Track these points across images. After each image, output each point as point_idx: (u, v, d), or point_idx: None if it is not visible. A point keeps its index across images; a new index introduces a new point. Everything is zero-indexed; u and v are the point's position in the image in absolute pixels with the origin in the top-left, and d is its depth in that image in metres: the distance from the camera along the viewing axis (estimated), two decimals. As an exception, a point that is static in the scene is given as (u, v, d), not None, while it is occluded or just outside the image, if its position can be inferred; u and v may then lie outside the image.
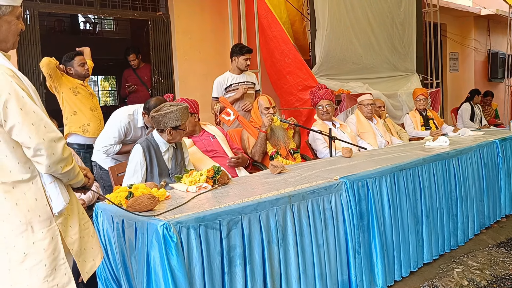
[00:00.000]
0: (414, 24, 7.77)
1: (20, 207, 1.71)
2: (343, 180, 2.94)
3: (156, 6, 6.32)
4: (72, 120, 4.22)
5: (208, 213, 2.25)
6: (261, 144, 4.08)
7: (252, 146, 4.13)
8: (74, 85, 4.25)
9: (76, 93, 4.25)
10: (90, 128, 4.27)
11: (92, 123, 4.30)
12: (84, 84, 4.36)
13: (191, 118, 3.73)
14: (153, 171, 3.16)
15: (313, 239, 2.67)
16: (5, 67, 1.68)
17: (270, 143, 4.15)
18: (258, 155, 4.08)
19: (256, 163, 4.10)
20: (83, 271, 1.89)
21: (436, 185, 3.70)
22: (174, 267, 2.06)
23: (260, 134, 4.09)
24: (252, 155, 4.10)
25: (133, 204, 2.29)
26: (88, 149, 4.25)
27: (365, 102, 5.18)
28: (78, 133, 4.23)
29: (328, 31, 6.17)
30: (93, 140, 4.20)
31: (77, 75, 4.29)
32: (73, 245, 1.83)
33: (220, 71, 5.22)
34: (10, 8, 1.76)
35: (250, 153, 4.11)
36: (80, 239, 1.86)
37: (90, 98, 4.37)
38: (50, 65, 4.01)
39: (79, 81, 4.31)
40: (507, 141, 4.85)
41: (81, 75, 4.31)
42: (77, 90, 4.26)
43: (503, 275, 3.55)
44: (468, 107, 8.26)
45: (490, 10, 10.98)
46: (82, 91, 4.30)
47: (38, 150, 1.67)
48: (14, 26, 1.80)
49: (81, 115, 4.25)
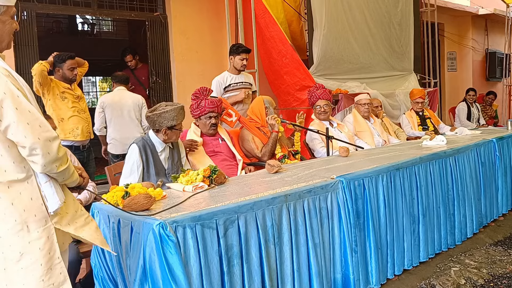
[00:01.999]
0: (411, 24, 7.78)
1: (16, 207, 1.71)
2: (339, 179, 2.94)
3: (153, 6, 6.32)
4: (60, 126, 4.24)
5: (205, 212, 2.25)
6: (273, 144, 4.10)
7: (262, 146, 4.12)
8: (61, 90, 4.26)
9: (63, 98, 4.27)
10: (79, 131, 4.33)
11: (80, 126, 4.35)
12: (71, 87, 4.36)
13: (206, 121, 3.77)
14: (149, 171, 3.16)
15: (308, 237, 2.68)
16: (0, 67, 1.68)
17: (278, 144, 4.16)
18: (269, 154, 4.09)
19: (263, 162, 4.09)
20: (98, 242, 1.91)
21: (433, 184, 3.71)
22: (171, 266, 2.06)
23: (273, 134, 4.11)
24: (263, 154, 4.10)
25: (129, 204, 2.29)
26: (77, 151, 4.29)
27: (362, 101, 5.18)
28: (69, 138, 4.28)
29: (325, 31, 6.18)
30: (82, 142, 4.37)
31: (64, 77, 4.30)
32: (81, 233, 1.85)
33: (217, 71, 5.22)
34: (4, 8, 1.77)
35: (260, 152, 4.11)
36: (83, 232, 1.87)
37: (77, 101, 4.38)
38: (42, 73, 4.04)
39: (66, 84, 4.31)
40: (504, 140, 4.86)
41: (68, 79, 4.32)
42: (64, 95, 4.27)
43: (500, 274, 3.55)
44: (464, 106, 8.23)
45: (488, 10, 10.99)
46: (69, 96, 4.31)
47: (33, 150, 1.67)
48: (8, 25, 1.80)
49: (68, 122, 4.28)
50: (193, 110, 3.77)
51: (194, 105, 3.75)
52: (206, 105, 3.74)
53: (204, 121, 3.78)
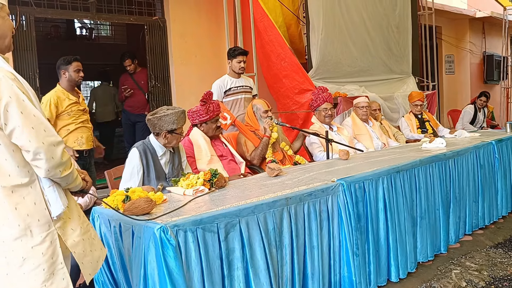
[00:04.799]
0: (409, 27, 7.80)
1: (19, 211, 1.70)
2: (340, 182, 2.94)
3: (152, 10, 6.33)
4: (66, 137, 4.24)
5: (205, 216, 2.25)
6: (262, 148, 4.07)
7: (251, 150, 4.12)
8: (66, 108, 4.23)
9: (70, 113, 4.26)
10: (84, 140, 4.36)
11: (85, 135, 4.38)
12: (78, 101, 4.34)
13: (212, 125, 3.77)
14: (149, 175, 3.15)
15: (306, 240, 2.68)
16: (5, 70, 1.69)
17: (270, 149, 4.14)
18: (258, 159, 4.07)
19: (253, 166, 4.10)
20: (86, 273, 1.88)
21: (433, 186, 3.71)
22: (172, 270, 2.06)
23: (263, 139, 4.09)
24: (252, 158, 4.09)
25: (130, 208, 2.29)
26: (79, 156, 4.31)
27: (360, 104, 5.19)
28: (75, 147, 4.28)
29: (323, 35, 6.20)
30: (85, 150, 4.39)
31: (70, 80, 4.26)
32: (76, 248, 1.82)
33: (216, 75, 5.21)
34: (0, 6, 1.79)
35: (249, 156, 4.10)
36: (82, 241, 1.85)
37: (82, 113, 4.38)
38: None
39: (74, 97, 4.28)
40: (504, 143, 4.86)
41: (73, 81, 4.29)
42: (71, 110, 4.26)
43: (501, 276, 3.55)
44: (471, 110, 7.98)
45: (485, 13, 11.04)
46: (75, 110, 4.29)
47: (38, 154, 1.67)
48: (8, 21, 1.82)
49: (73, 132, 4.29)
50: (200, 115, 3.74)
51: (203, 110, 3.73)
52: (214, 109, 3.74)
53: (210, 125, 3.78)
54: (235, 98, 4.92)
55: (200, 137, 3.77)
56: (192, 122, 3.83)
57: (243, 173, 3.79)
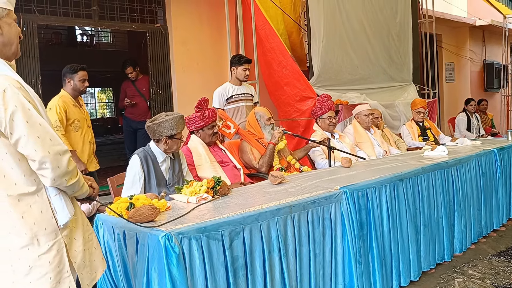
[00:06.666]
0: (410, 35, 7.83)
1: (26, 220, 1.69)
2: (343, 189, 2.94)
3: (154, 18, 6.35)
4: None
5: (210, 223, 2.25)
6: (270, 155, 4.07)
7: (259, 157, 4.12)
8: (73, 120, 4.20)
9: (77, 128, 4.23)
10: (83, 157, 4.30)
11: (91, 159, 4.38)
12: (85, 115, 4.34)
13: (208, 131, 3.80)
14: (150, 181, 3.16)
15: (310, 248, 2.67)
16: (11, 79, 1.68)
17: (277, 156, 4.15)
18: (266, 166, 4.07)
19: (261, 173, 4.09)
20: (84, 283, 1.87)
21: (435, 195, 3.71)
22: (175, 278, 2.05)
23: (269, 146, 4.09)
24: (260, 166, 4.08)
25: (134, 215, 2.28)
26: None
27: (365, 112, 5.20)
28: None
29: (324, 42, 6.21)
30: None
31: (75, 89, 4.26)
32: (76, 258, 1.81)
33: (218, 82, 5.23)
34: (7, 11, 1.78)
35: (258, 164, 4.10)
36: (83, 251, 1.85)
37: (88, 129, 4.37)
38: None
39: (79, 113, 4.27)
40: (505, 151, 4.87)
41: (78, 90, 4.29)
42: (78, 124, 4.24)
43: (504, 285, 3.54)
44: (464, 117, 8.19)
45: (485, 21, 11.09)
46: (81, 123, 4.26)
47: (43, 163, 1.66)
48: (14, 28, 1.81)
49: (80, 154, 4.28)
50: (196, 122, 3.77)
51: (198, 117, 3.76)
52: (210, 116, 3.76)
53: (206, 131, 3.80)
54: (237, 105, 4.93)
55: (199, 144, 3.79)
56: (189, 129, 3.85)
57: (243, 182, 3.79)
